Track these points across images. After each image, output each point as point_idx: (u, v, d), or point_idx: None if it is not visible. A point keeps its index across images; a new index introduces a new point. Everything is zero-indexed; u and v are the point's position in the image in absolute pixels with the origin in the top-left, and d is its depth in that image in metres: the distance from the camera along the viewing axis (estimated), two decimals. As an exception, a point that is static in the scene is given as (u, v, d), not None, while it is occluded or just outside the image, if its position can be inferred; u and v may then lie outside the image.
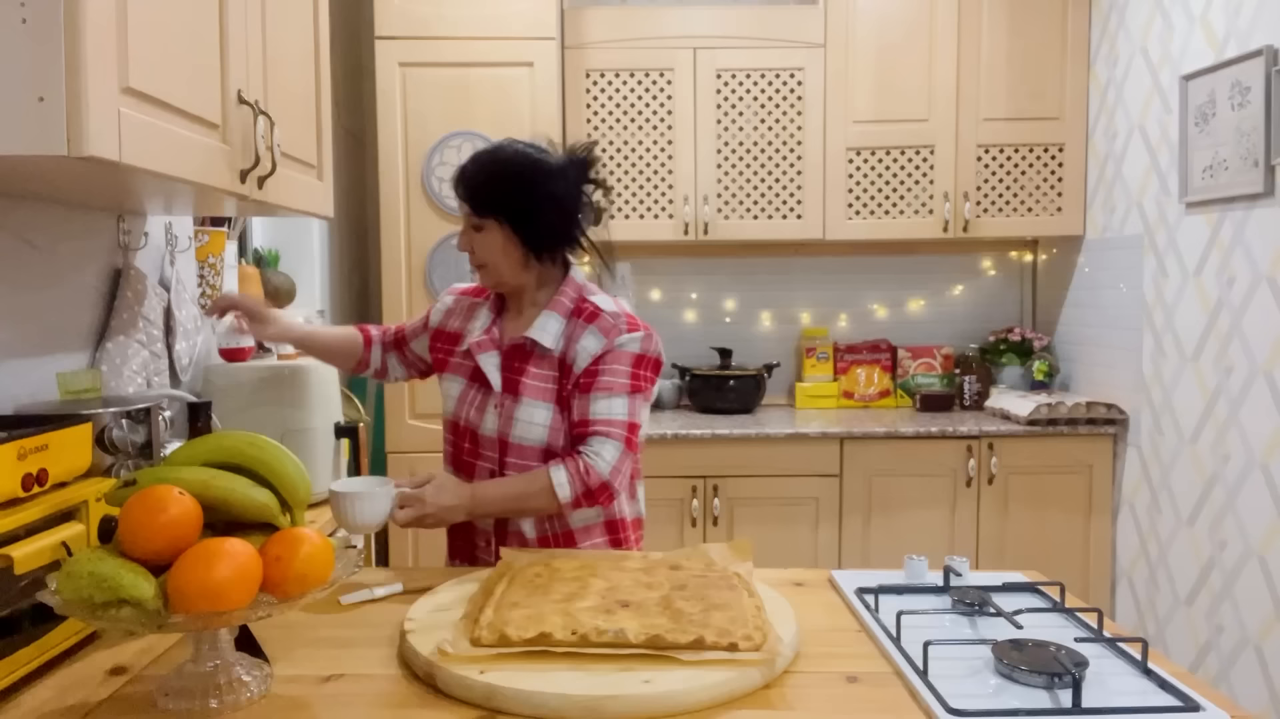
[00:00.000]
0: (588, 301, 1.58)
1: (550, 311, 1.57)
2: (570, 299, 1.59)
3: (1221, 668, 2.55)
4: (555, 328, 1.56)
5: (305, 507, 1.13)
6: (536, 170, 1.54)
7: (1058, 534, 3.05)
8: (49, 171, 1.23)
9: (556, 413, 1.54)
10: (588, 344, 1.54)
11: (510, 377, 1.57)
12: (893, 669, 1.09)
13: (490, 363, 1.57)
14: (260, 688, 1.02)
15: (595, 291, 1.62)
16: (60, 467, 1.15)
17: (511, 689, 0.97)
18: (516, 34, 2.97)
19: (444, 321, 1.71)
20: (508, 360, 1.58)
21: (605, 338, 1.53)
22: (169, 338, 1.97)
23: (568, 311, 1.57)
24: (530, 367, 1.56)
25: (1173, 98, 2.75)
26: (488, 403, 1.57)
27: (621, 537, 1.63)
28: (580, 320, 1.56)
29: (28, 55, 1.04)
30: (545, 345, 1.54)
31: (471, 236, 1.56)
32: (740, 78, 3.20)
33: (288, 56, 1.78)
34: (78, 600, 0.92)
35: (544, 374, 1.55)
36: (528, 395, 1.54)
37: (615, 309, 1.58)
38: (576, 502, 1.49)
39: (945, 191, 3.22)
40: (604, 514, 1.61)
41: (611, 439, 1.50)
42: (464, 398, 1.61)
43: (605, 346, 1.53)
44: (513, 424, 1.54)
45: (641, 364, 1.55)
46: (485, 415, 1.57)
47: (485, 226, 1.54)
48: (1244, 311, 2.46)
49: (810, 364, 3.52)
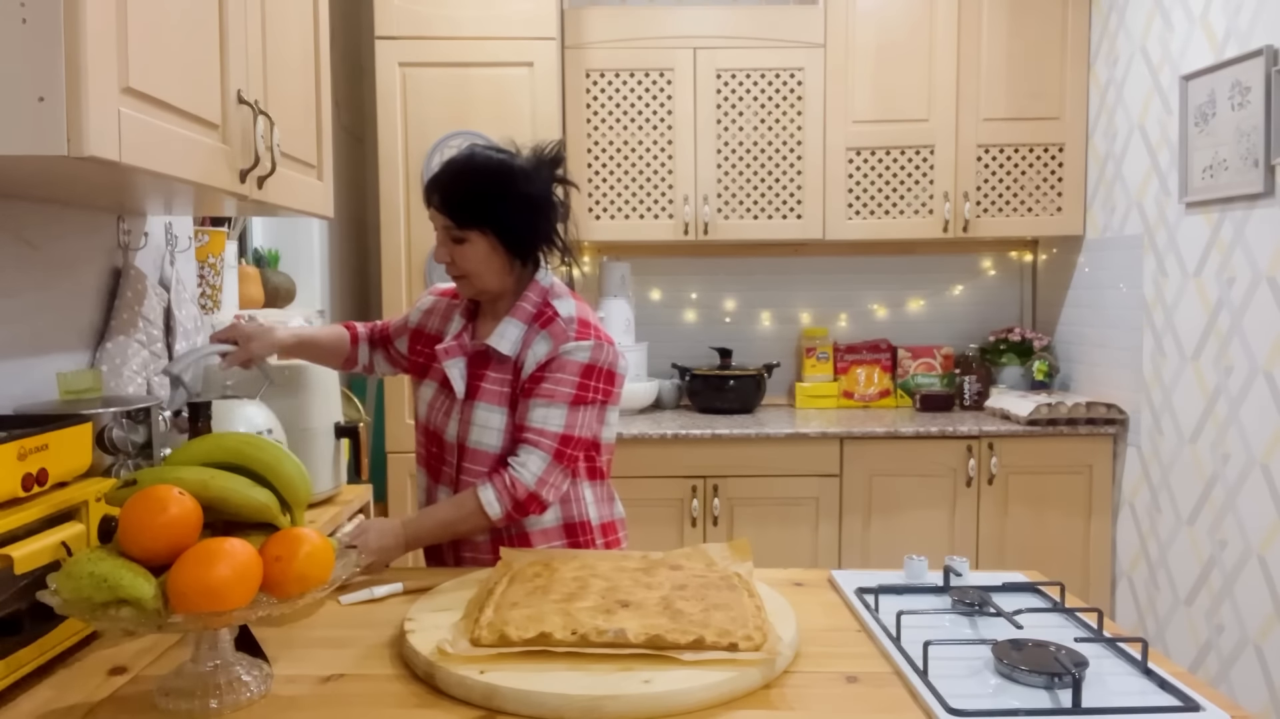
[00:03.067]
0: (550, 306, 1.57)
1: (511, 318, 1.56)
2: (533, 304, 1.58)
3: (1221, 668, 2.55)
4: (514, 334, 1.55)
5: (305, 507, 1.13)
6: (513, 175, 1.52)
7: (1058, 534, 3.05)
8: (49, 171, 1.23)
9: (509, 417, 1.54)
10: (537, 349, 1.53)
11: (472, 383, 1.57)
12: (893, 669, 1.09)
13: (455, 369, 1.57)
14: (260, 688, 1.02)
15: (562, 296, 1.59)
16: (60, 467, 1.15)
17: (511, 689, 0.97)
18: (516, 34, 2.97)
19: (423, 321, 1.71)
20: (472, 366, 1.58)
21: (553, 343, 1.52)
22: (169, 338, 1.97)
23: (529, 317, 1.57)
24: (489, 371, 1.56)
25: (1173, 98, 2.75)
26: (453, 408, 1.58)
27: (584, 540, 1.61)
28: (537, 325, 1.55)
29: (28, 55, 1.04)
30: (503, 352, 1.54)
31: (451, 249, 1.54)
32: (740, 78, 3.20)
33: (288, 56, 1.77)
34: (78, 600, 0.92)
35: (500, 378, 1.55)
36: (483, 400, 1.54)
37: (571, 315, 1.55)
38: (508, 516, 1.50)
39: (945, 191, 3.22)
40: (561, 517, 1.60)
41: (540, 450, 1.50)
42: (434, 403, 1.61)
43: (550, 353, 1.52)
44: (470, 429, 1.54)
45: (591, 374, 1.52)
46: (450, 420, 1.58)
47: (467, 238, 1.52)
48: (1244, 311, 2.46)
49: (810, 364, 3.52)
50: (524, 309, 1.57)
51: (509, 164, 1.54)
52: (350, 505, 2.16)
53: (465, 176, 1.53)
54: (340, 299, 3.35)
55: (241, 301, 2.50)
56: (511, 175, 1.52)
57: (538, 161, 1.56)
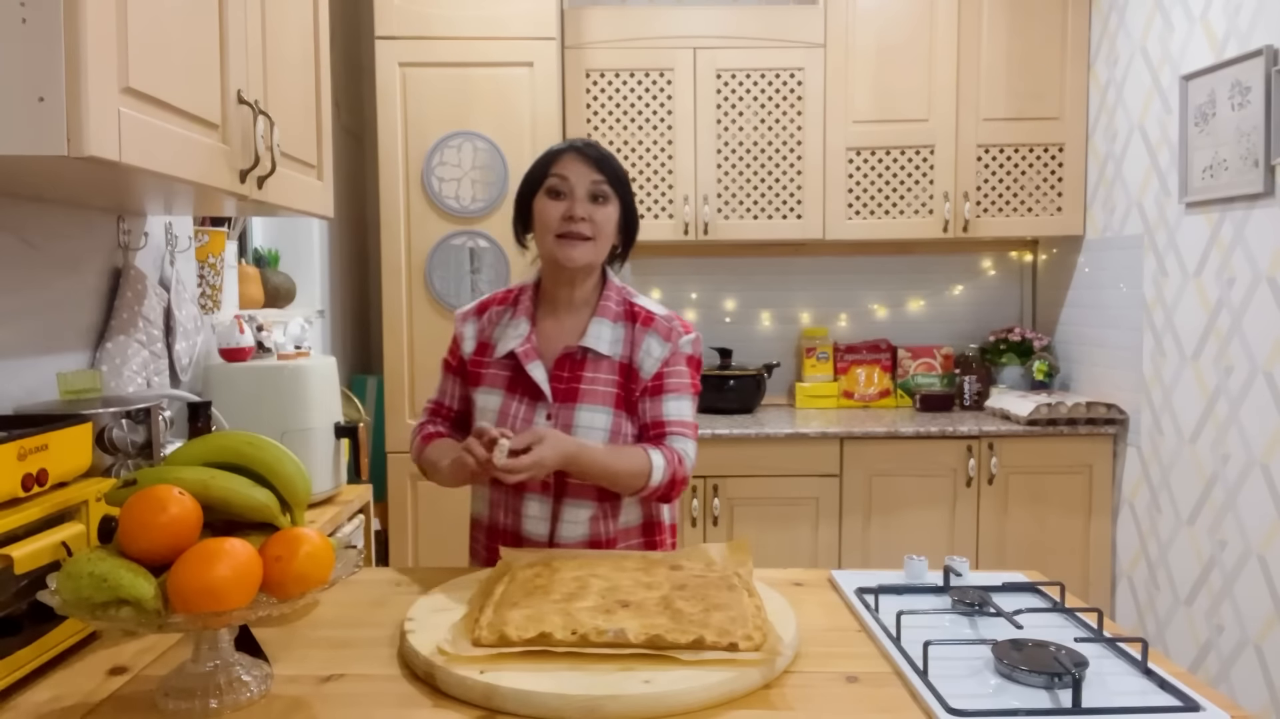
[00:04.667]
0: (636, 305, 1.60)
1: (599, 318, 1.57)
2: (616, 303, 1.59)
3: (1221, 668, 2.55)
4: (609, 334, 1.56)
5: (305, 506, 1.13)
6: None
7: (1058, 534, 3.05)
8: (49, 171, 1.23)
9: (616, 417, 1.53)
10: (652, 348, 1.55)
11: (563, 385, 1.53)
12: (893, 669, 1.09)
13: (539, 373, 1.53)
14: (260, 688, 1.02)
15: (635, 293, 1.64)
16: (60, 467, 1.15)
17: (511, 689, 0.97)
18: (516, 34, 2.97)
19: (478, 340, 1.61)
20: (556, 369, 1.55)
21: (668, 341, 1.56)
22: (169, 338, 1.97)
23: (616, 315, 1.58)
24: (585, 373, 1.54)
25: (1173, 98, 2.75)
26: (535, 413, 1.53)
27: (658, 540, 1.62)
28: (637, 325, 1.57)
29: (28, 55, 1.04)
30: (601, 352, 1.54)
31: (591, 207, 1.53)
32: (740, 78, 3.20)
33: (288, 56, 1.77)
34: (78, 600, 0.92)
35: (602, 379, 1.54)
36: (586, 401, 1.52)
37: (666, 312, 1.61)
38: (657, 490, 1.48)
39: (945, 191, 3.22)
40: (642, 516, 1.60)
41: (689, 438, 1.55)
42: (506, 410, 1.54)
43: (670, 350, 1.56)
44: (572, 431, 1.50)
45: (695, 366, 1.61)
46: (534, 426, 1.51)
47: (610, 200, 1.55)
48: (1244, 311, 2.46)
49: (810, 364, 3.52)
50: (609, 308, 1.58)
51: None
52: (350, 505, 2.16)
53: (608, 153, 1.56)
54: (340, 299, 3.35)
55: (241, 302, 2.50)
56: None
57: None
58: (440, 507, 3.05)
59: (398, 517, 3.07)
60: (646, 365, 1.54)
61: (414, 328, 3.05)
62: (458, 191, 3.00)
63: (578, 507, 1.53)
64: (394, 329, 3.05)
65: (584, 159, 1.53)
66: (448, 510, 3.04)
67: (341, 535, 2.07)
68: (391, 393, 3.06)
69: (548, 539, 1.54)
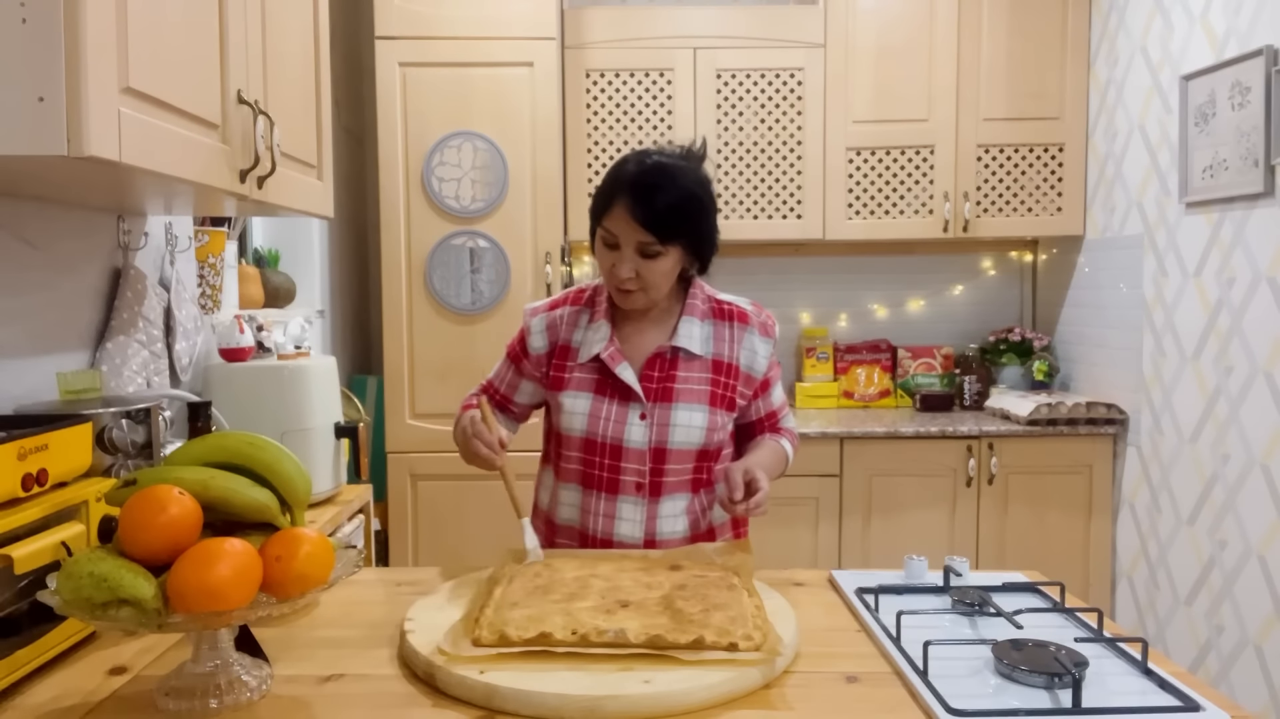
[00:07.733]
0: (722, 301, 1.61)
1: (688, 317, 1.57)
2: (702, 300, 1.60)
3: (1221, 668, 2.55)
4: (699, 332, 1.56)
5: (305, 507, 1.13)
6: (708, 189, 1.52)
7: (1058, 534, 3.05)
8: (49, 171, 1.23)
9: (711, 414, 1.54)
10: (758, 348, 1.58)
11: (655, 385, 1.54)
12: (893, 669, 1.09)
13: (628, 374, 1.53)
14: (260, 688, 1.02)
15: (714, 288, 1.65)
16: (60, 467, 1.15)
17: (511, 689, 0.97)
18: (516, 34, 2.97)
19: (551, 339, 1.60)
20: (645, 369, 1.55)
21: (768, 338, 1.60)
22: (169, 338, 1.97)
23: (704, 314, 1.58)
24: (678, 372, 1.54)
25: (1173, 98, 2.75)
26: (628, 413, 1.53)
27: (744, 531, 1.67)
28: (733, 323, 1.59)
29: (28, 55, 1.04)
30: (694, 351, 1.55)
31: (639, 263, 1.47)
32: (740, 78, 3.20)
33: (288, 56, 1.77)
34: (78, 600, 0.92)
35: (695, 377, 1.55)
36: (683, 400, 1.53)
37: (750, 304, 1.63)
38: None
39: (945, 191, 3.22)
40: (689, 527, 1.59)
41: (790, 415, 1.69)
42: (596, 412, 1.53)
43: (772, 345, 1.61)
44: (670, 431, 1.51)
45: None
46: (628, 428, 1.52)
47: (665, 252, 1.47)
48: (1244, 311, 2.46)
49: (810, 364, 3.52)
50: (696, 306, 1.58)
51: (702, 178, 1.51)
52: (350, 505, 2.16)
53: (673, 195, 1.45)
54: (340, 299, 3.35)
55: (241, 301, 2.50)
56: (706, 189, 1.51)
57: (701, 164, 1.54)
58: (440, 507, 3.05)
59: (398, 517, 3.07)
60: (758, 366, 1.58)
61: (414, 328, 3.05)
62: (458, 191, 3.00)
63: (675, 500, 1.55)
64: (394, 329, 3.05)
65: (632, 219, 1.44)
66: (448, 510, 3.04)
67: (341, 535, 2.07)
68: (391, 393, 3.06)
69: (643, 540, 1.54)
